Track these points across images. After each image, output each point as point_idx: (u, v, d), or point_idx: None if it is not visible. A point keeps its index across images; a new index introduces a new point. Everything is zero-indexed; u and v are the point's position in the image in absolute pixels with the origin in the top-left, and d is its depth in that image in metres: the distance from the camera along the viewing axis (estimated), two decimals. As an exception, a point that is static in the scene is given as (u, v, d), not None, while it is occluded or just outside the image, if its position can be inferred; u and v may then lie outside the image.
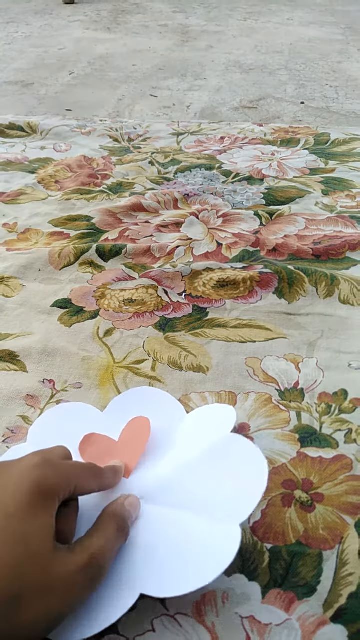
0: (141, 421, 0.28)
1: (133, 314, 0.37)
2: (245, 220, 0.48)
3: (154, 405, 0.29)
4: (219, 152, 0.61)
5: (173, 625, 0.21)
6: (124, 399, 0.30)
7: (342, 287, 0.39)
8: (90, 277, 0.41)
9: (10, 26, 1.27)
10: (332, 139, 0.64)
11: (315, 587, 0.22)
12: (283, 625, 0.21)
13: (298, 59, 1.01)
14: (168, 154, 0.61)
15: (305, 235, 0.45)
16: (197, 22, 1.31)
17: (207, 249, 0.44)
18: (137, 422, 0.28)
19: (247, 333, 0.35)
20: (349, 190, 0.53)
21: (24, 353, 0.34)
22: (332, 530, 0.24)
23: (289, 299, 0.38)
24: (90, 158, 0.60)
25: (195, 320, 0.37)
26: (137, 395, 0.30)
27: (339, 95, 0.84)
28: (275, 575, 0.23)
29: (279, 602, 0.22)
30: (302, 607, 0.22)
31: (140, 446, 0.26)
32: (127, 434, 0.27)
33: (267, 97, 0.83)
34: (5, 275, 0.41)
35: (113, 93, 0.86)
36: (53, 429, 0.28)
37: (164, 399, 0.30)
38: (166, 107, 0.80)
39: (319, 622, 0.21)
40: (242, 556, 0.23)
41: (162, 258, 0.43)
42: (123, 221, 0.48)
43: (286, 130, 0.67)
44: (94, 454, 0.26)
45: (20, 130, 0.67)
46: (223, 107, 0.80)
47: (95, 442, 0.27)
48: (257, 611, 0.21)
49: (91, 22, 1.31)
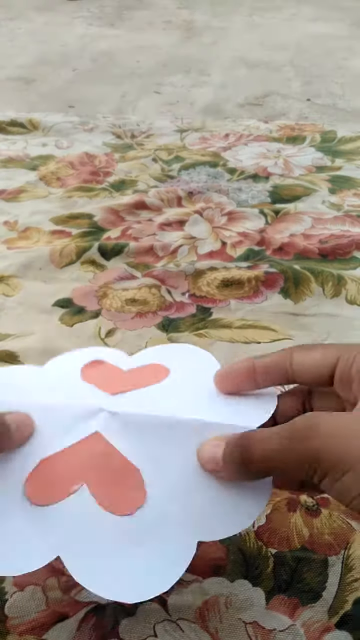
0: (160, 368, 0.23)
1: (135, 314, 0.37)
2: (250, 219, 0.47)
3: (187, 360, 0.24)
4: (224, 149, 0.61)
5: (175, 630, 0.21)
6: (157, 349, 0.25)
7: (349, 287, 0.38)
8: (91, 276, 0.41)
9: (12, 22, 1.27)
10: (339, 136, 0.63)
11: (320, 592, 0.22)
12: (287, 631, 0.21)
13: (304, 55, 1.00)
14: (171, 151, 0.61)
15: (311, 234, 0.45)
16: (201, 18, 1.30)
17: (211, 247, 0.43)
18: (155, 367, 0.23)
19: (252, 334, 0.35)
20: (356, 188, 0.52)
21: (23, 354, 0.33)
22: (338, 536, 0.24)
23: (295, 299, 0.38)
24: (93, 155, 0.60)
25: (198, 320, 0.36)
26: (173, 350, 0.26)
27: (345, 92, 0.83)
28: (280, 581, 0.22)
29: (283, 607, 0.21)
30: (306, 612, 0.21)
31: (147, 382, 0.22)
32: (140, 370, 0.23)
33: (272, 93, 0.82)
34: (5, 273, 0.41)
35: (116, 89, 0.85)
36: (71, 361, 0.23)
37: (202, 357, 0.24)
38: (170, 103, 0.80)
39: (324, 628, 0.21)
40: (246, 561, 0.23)
41: (165, 257, 0.43)
42: (125, 219, 0.48)
43: (292, 127, 0.67)
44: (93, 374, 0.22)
45: (22, 127, 0.67)
46: (228, 103, 0.79)
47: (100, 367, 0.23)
48: (261, 617, 0.21)
49: (94, 18, 1.30)
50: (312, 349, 0.19)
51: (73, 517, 0.18)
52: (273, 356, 0.19)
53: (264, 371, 0.19)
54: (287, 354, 0.19)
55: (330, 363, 0.18)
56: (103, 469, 0.19)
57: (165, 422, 0.19)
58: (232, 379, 0.20)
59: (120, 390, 0.21)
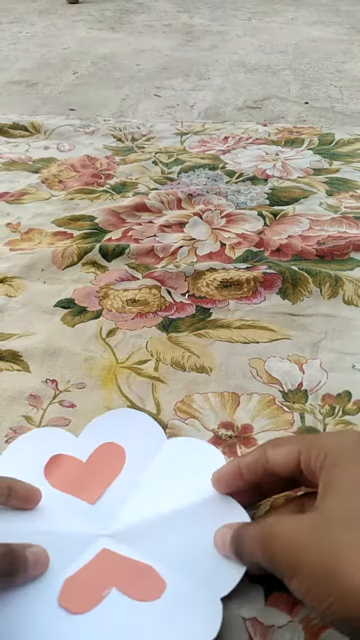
0: (114, 448, 0.27)
1: (136, 314, 0.37)
2: (249, 221, 0.48)
3: (132, 428, 0.28)
4: (223, 152, 0.61)
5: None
6: (101, 422, 0.29)
7: (346, 288, 0.39)
8: (93, 277, 0.41)
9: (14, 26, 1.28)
10: (337, 139, 0.64)
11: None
12: (286, 627, 0.21)
13: (302, 59, 1.01)
14: (172, 153, 0.61)
15: (309, 235, 0.45)
16: (201, 21, 1.31)
17: (210, 249, 0.44)
18: (110, 447, 0.27)
19: (251, 334, 0.35)
20: (354, 190, 0.52)
21: (27, 353, 0.34)
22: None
23: (293, 299, 0.38)
24: (94, 158, 0.60)
25: (198, 320, 0.37)
26: (115, 418, 0.29)
27: (344, 95, 0.84)
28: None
29: (282, 604, 0.22)
30: (305, 609, 0.22)
31: (112, 472, 0.26)
32: (98, 457, 0.27)
33: (271, 97, 0.83)
34: (8, 275, 0.41)
35: (117, 92, 0.86)
36: (24, 455, 0.27)
37: (143, 422, 0.29)
38: (170, 106, 0.80)
39: (323, 624, 0.21)
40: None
41: (165, 258, 0.43)
42: (126, 221, 0.48)
43: (290, 130, 0.67)
44: (60, 476, 0.26)
45: (24, 129, 0.67)
46: (227, 106, 0.80)
47: (62, 464, 0.26)
48: (260, 613, 0.21)
49: (95, 21, 1.31)
50: (279, 445, 0.22)
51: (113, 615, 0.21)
52: (252, 455, 0.23)
53: (247, 470, 0.23)
54: (262, 452, 0.22)
55: (294, 457, 0.21)
56: (122, 572, 0.22)
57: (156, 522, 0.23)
58: (224, 481, 0.24)
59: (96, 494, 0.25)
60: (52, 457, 0.27)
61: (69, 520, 0.24)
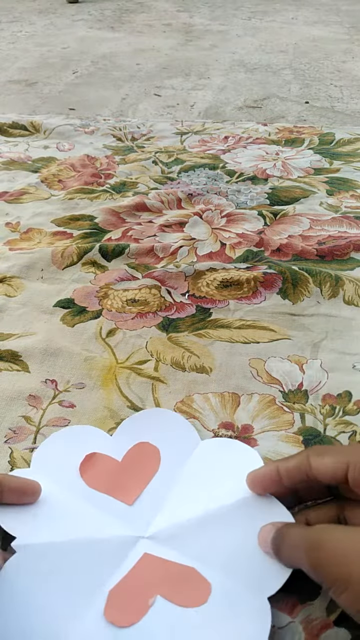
0: (149, 447, 0.27)
1: (136, 314, 0.37)
2: (249, 220, 0.47)
3: (165, 428, 0.28)
4: (223, 151, 0.61)
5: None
6: (134, 421, 0.29)
7: (346, 288, 0.39)
8: (93, 277, 0.41)
9: (14, 25, 1.27)
10: (337, 138, 0.64)
11: (319, 590, 0.22)
12: (286, 628, 0.21)
13: (302, 59, 1.01)
14: (171, 153, 0.61)
15: (309, 235, 0.45)
16: (201, 21, 1.30)
17: (210, 249, 0.44)
18: (144, 447, 0.27)
19: (251, 334, 0.35)
20: (354, 190, 0.52)
21: (26, 353, 0.34)
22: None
23: (293, 299, 0.38)
24: (94, 157, 0.60)
25: (198, 320, 0.36)
26: (148, 418, 0.29)
27: (344, 95, 0.83)
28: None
29: (282, 605, 0.22)
30: (305, 610, 0.21)
31: (148, 472, 0.25)
32: (133, 457, 0.26)
33: (271, 96, 0.83)
34: (7, 274, 0.41)
35: (116, 92, 0.86)
36: (58, 453, 0.27)
37: (176, 422, 0.28)
38: (170, 106, 0.80)
39: (323, 625, 0.21)
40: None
41: (165, 258, 0.43)
42: (126, 221, 0.48)
43: (290, 130, 0.67)
44: (96, 475, 0.25)
45: (24, 129, 0.67)
46: (227, 106, 0.80)
47: (97, 463, 0.26)
48: None
49: (95, 21, 1.31)
50: (325, 454, 0.22)
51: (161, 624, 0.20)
52: (294, 460, 0.23)
53: (287, 475, 0.23)
54: (305, 458, 0.22)
55: (342, 468, 0.21)
56: (166, 578, 0.22)
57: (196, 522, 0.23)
58: (259, 482, 0.24)
59: (134, 495, 0.24)
60: (87, 455, 0.26)
61: (108, 522, 0.23)
